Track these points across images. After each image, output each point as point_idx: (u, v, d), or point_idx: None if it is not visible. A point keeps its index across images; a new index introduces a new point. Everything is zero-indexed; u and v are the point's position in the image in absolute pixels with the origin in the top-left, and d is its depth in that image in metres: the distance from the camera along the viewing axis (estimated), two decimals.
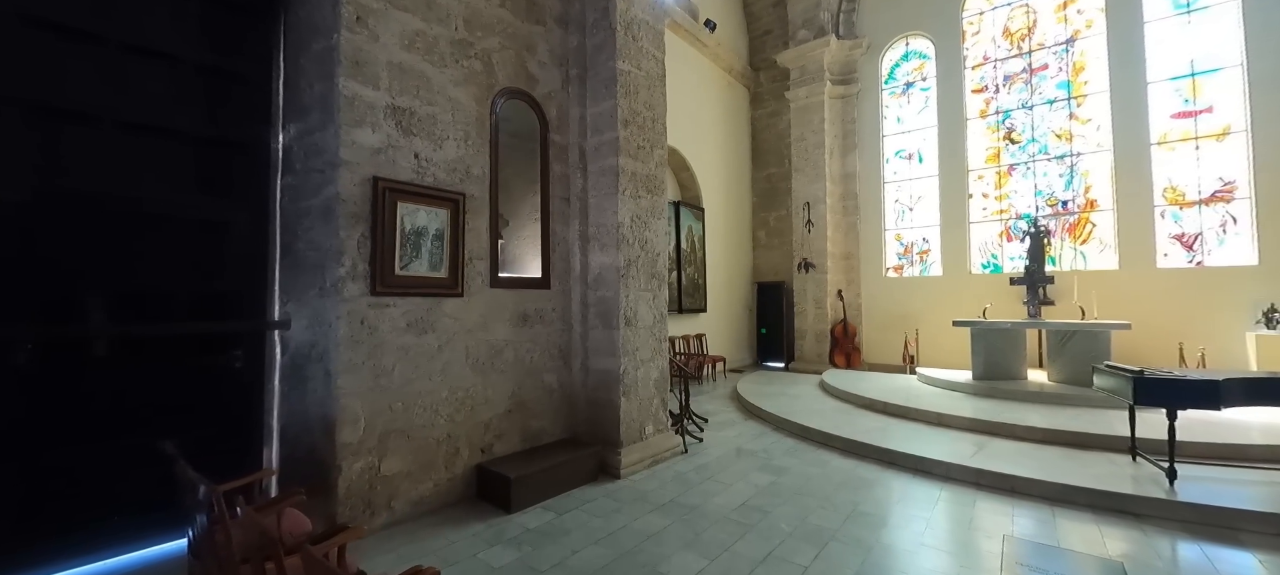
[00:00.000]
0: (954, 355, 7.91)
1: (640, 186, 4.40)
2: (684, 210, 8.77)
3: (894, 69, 9.65)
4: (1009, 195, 8.37)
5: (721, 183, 10.08)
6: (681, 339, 8.49)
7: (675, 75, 8.87)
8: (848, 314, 9.38)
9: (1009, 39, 8.50)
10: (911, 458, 4.12)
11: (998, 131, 8.50)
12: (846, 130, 9.85)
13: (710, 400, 6.94)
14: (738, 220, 10.62)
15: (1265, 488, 3.30)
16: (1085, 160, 7.74)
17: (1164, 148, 7.15)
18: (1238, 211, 6.68)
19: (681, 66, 8.93)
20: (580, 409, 4.33)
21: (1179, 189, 7.06)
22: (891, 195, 9.52)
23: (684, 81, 9.01)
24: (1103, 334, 5.60)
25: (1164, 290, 6.87)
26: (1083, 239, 7.73)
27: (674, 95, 9.00)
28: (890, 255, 9.45)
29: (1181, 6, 7.17)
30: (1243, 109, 6.64)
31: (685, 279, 8.54)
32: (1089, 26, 7.79)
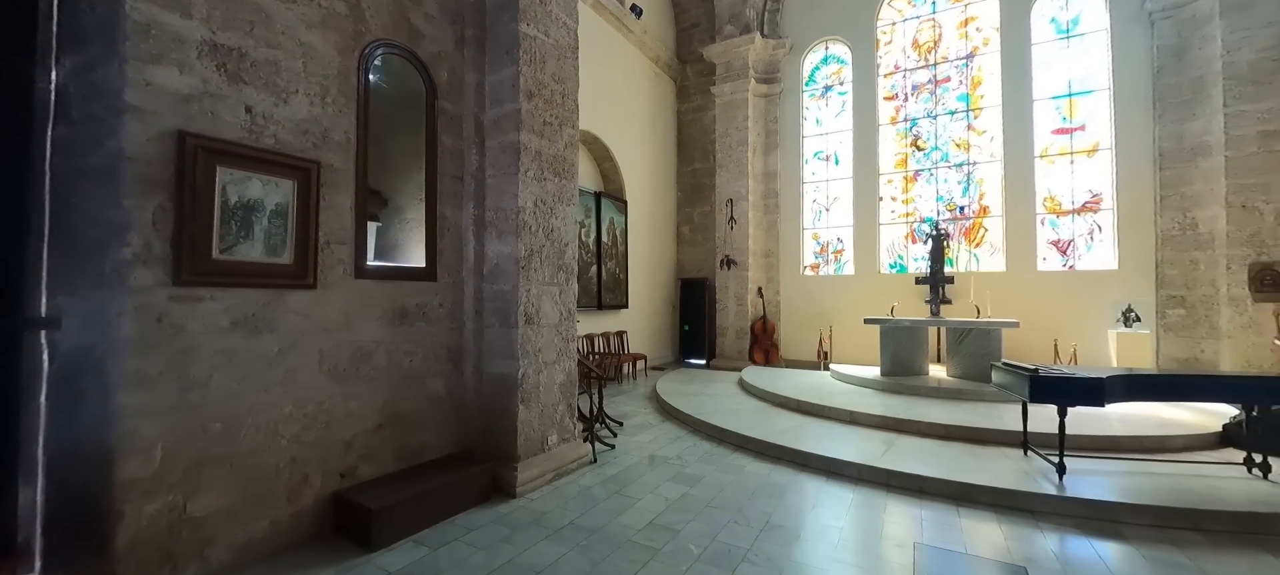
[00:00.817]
0: (865, 352, 8.19)
1: (547, 168, 3.92)
2: (605, 202, 8.36)
3: (814, 72, 9.84)
4: (914, 199, 8.80)
5: (646, 175, 9.79)
6: (601, 337, 8.09)
7: (599, 60, 8.45)
8: (767, 311, 9.46)
9: (917, 50, 8.92)
10: (825, 459, 4.01)
11: (906, 138, 8.91)
12: (769, 129, 9.92)
13: (629, 401, 6.60)
14: (662, 215, 10.39)
15: (1137, 478, 3.49)
16: (980, 169, 8.28)
17: (1045, 160, 7.79)
18: (1103, 221, 7.41)
19: (606, 51, 8.51)
20: (472, 419, 3.79)
21: (1056, 199, 7.73)
22: (810, 195, 9.72)
23: (608, 67, 8.59)
24: (995, 332, 5.93)
25: (1043, 291, 7.49)
26: (977, 242, 8.28)
27: (597, 80, 8.61)
28: (808, 254, 9.65)
29: (1062, 32, 7.83)
30: (1109, 128, 7.36)
31: (605, 274, 8.14)
32: (986, 44, 8.34)
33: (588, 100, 8.47)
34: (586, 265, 7.80)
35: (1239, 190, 6.14)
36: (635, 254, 9.19)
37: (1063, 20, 7.84)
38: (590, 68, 8.18)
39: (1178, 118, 6.82)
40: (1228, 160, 6.21)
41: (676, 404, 5.80)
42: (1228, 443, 4.11)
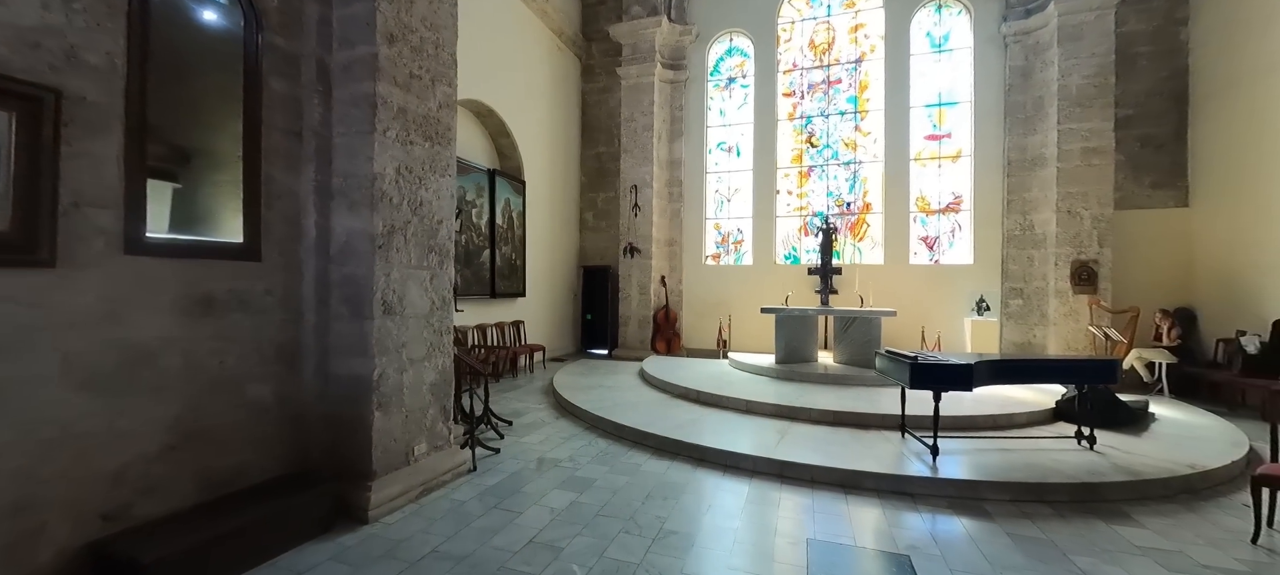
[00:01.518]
0: (761, 340, 8.41)
1: (414, 129, 3.30)
2: (501, 181, 7.68)
3: (719, 62, 9.88)
4: (807, 194, 9.20)
5: (547, 156, 9.21)
6: (495, 328, 7.45)
7: (495, 25, 7.69)
8: (670, 300, 9.41)
9: (814, 51, 9.29)
10: (722, 453, 3.89)
11: (801, 134, 9.27)
12: (675, 116, 9.81)
13: (523, 397, 6.11)
14: (565, 198, 9.89)
15: (994, 455, 3.78)
16: (865, 168, 8.84)
17: (918, 164, 8.50)
18: (963, 221, 8.26)
19: (502, 15, 7.78)
20: (314, 431, 3.10)
21: (926, 199, 8.48)
22: (713, 185, 9.80)
23: (505, 34, 7.87)
24: (876, 320, 6.31)
25: (914, 282, 8.19)
26: (861, 237, 8.86)
27: (492, 47, 7.83)
28: (710, 244, 9.74)
29: (935, 46, 8.56)
30: (970, 137, 8.18)
31: (500, 259, 7.50)
32: (872, 51, 8.88)
33: (482, 68, 7.72)
34: (478, 249, 7.10)
35: (1066, 198, 7.11)
36: (534, 239, 8.62)
37: (936, 35, 8.56)
38: (485, 33, 7.43)
39: (1022, 132, 7.75)
40: (1058, 171, 7.16)
41: (573, 399, 5.43)
42: (1059, 417, 4.67)
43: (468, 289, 6.83)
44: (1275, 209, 5.79)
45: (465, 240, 6.81)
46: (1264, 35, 6.10)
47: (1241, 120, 6.34)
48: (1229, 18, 6.61)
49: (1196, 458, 3.68)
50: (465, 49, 7.13)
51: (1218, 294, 6.52)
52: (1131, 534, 2.82)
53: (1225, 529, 2.88)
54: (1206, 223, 6.84)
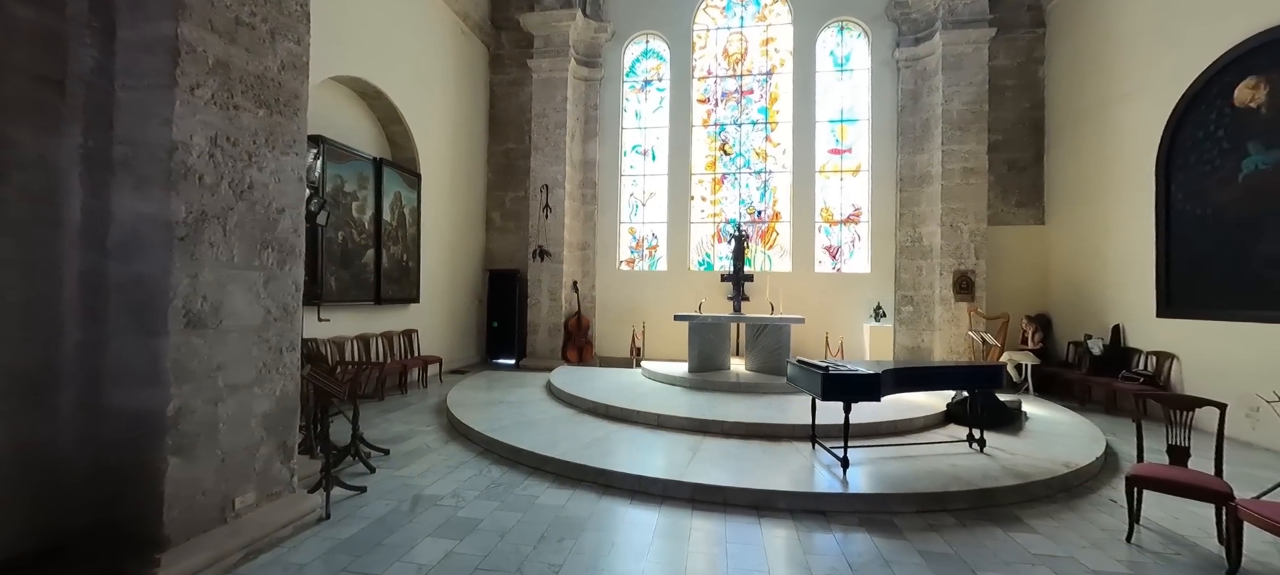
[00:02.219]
0: (675, 347, 8.23)
1: (243, 92, 2.59)
2: (391, 172, 6.80)
3: (635, 64, 9.66)
4: (721, 201, 9.24)
5: (449, 148, 8.39)
6: (381, 338, 6.54)
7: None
8: (582, 307, 8.96)
9: (728, 60, 9.37)
10: (631, 478, 3.52)
11: (716, 142, 9.30)
12: (589, 115, 9.42)
13: (410, 417, 5.34)
14: (469, 196, 9.09)
15: (899, 464, 3.79)
16: (775, 177, 9.05)
17: (823, 176, 8.84)
18: (861, 232, 8.70)
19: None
20: (75, 489, 2.28)
21: (830, 210, 8.84)
22: (628, 188, 9.53)
23: (399, 9, 7.03)
24: (785, 327, 6.34)
25: (819, 290, 8.47)
26: (770, 245, 9.03)
27: (383, 20, 6.80)
28: (624, 248, 9.44)
29: (838, 65, 8.98)
30: (868, 153, 8.65)
31: (388, 260, 6.60)
32: (782, 65, 9.13)
33: (368, 43, 6.77)
34: (360, 248, 6.18)
35: (949, 212, 7.70)
36: (432, 239, 7.76)
37: (839, 55, 8.99)
38: (373, 4, 6.54)
39: (912, 150, 8.31)
40: (943, 188, 7.74)
41: (467, 418, 4.80)
42: (950, 420, 4.88)
43: (344, 294, 5.91)
44: (1112, 227, 6.63)
45: (342, 238, 5.88)
46: (1101, 77, 7.00)
47: (1086, 148, 7.22)
48: (1075, 60, 7.54)
49: (1068, 455, 3.95)
50: (344, 18, 6.24)
51: (1069, 301, 7.38)
52: (1027, 541, 2.86)
53: (1102, 527, 3.02)
54: (1059, 238, 7.73)
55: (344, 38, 6.05)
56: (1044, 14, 8.20)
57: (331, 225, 5.70)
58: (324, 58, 5.78)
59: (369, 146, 6.83)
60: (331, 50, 5.89)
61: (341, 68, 6.12)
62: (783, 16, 9.17)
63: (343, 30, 6.04)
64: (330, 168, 5.72)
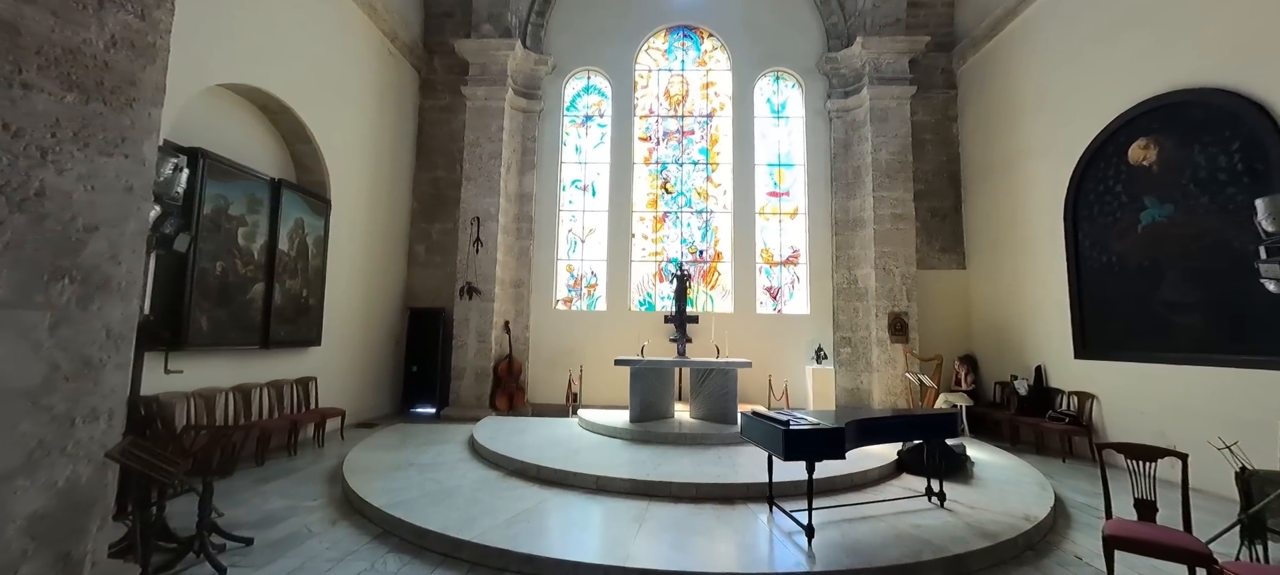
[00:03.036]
0: (615, 391, 7.70)
1: (39, 66, 1.90)
2: (292, 196, 5.92)
3: (576, 98, 9.42)
4: (663, 239, 9.01)
5: (368, 173, 7.59)
6: (268, 389, 5.51)
7: (299, 3, 6.11)
8: (514, 349, 8.24)
9: (670, 100, 9.37)
10: (565, 566, 2.92)
11: (657, 180, 9.15)
12: (527, 147, 8.98)
13: (295, 486, 4.39)
14: (390, 226, 8.23)
15: (863, 526, 3.47)
16: (716, 217, 8.99)
17: (763, 217, 8.89)
18: (800, 273, 8.76)
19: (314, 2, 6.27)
20: None
21: (770, 251, 8.86)
22: (566, 224, 9.08)
23: (316, 18, 6.35)
24: (732, 372, 6.04)
25: (760, 331, 8.34)
26: (712, 285, 8.87)
27: (293, 26, 5.80)
28: (561, 286, 8.90)
29: (775, 112, 9.22)
30: (805, 197, 8.83)
31: (281, 296, 5.64)
32: (722, 108, 9.24)
33: (270, 48, 5.90)
34: (244, 282, 5.22)
35: (881, 256, 7.91)
36: (341, 272, 6.84)
37: (776, 102, 9.25)
38: (281, 6, 5.79)
39: (846, 195, 8.57)
40: (875, 232, 7.97)
41: (365, 488, 3.97)
42: (902, 469, 4.70)
43: (220, 337, 4.91)
44: (1028, 273, 7.03)
45: (222, 269, 4.93)
46: (1008, 135, 7.58)
47: (998, 199, 7.73)
48: (985, 119, 8.17)
49: (1025, 507, 3.82)
50: (243, 19, 5.45)
51: (992, 342, 7.71)
52: None
53: None
54: (979, 282, 8.15)
55: (241, 41, 5.27)
56: (956, 77, 8.92)
57: (208, 254, 4.77)
58: (212, 60, 5.00)
59: (267, 165, 5.93)
60: (224, 53, 5.10)
61: (235, 75, 5.30)
62: (722, 63, 9.35)
63: (240, 32, 5.27)
64: (211, 186, 4.83)
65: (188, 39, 4.67)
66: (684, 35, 9.50)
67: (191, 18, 4.67)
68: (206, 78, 4.97)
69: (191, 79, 4.80)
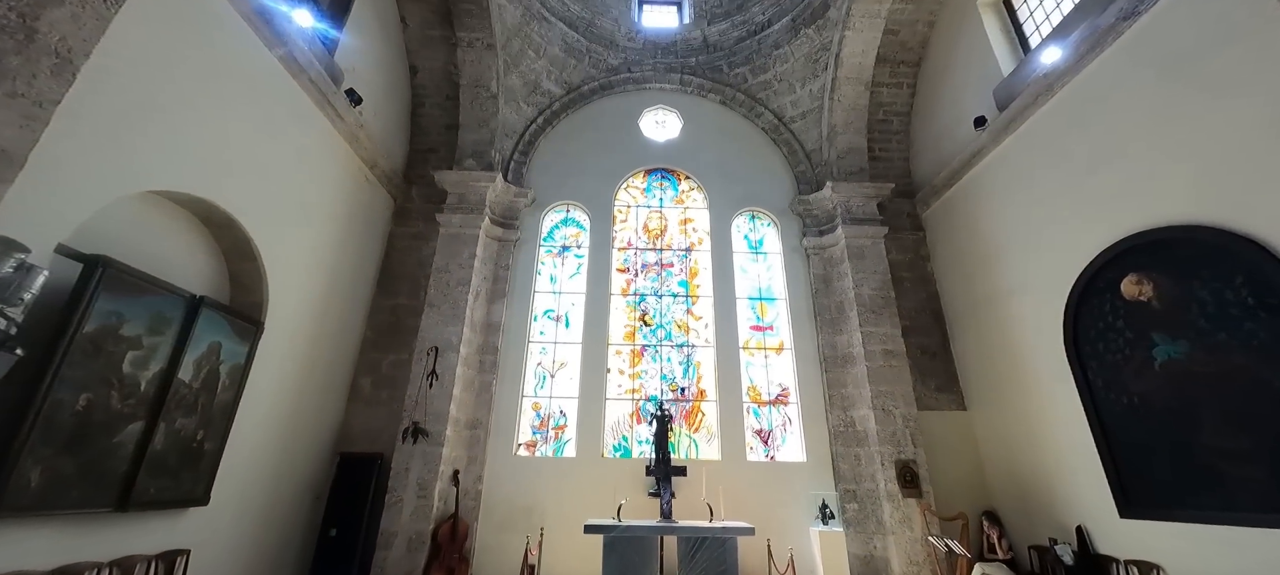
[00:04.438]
0: (583, 564, 6.29)
1: None
2: (213, 316, 5.07)
3: (554, 230, 9.29)
4: (641, 375, 8.25)
5: (319, 296, 6.86)
6: (109, 571, 4.09)
7: (272, 119, 5.82)
8: (461, 506, 6.84)
9: (648, 234, 9.32)
10: None
11: (635, 311, 8.68)
12: (499, 275, 8.52)
13: None
14: (334, 356, 7.28)
15: None
16: (698, 352, 8.39)
17: (747, 353, 8.34)
18: (792, 414, 7.98)
19: (288, 121, 6.17)
20: None
21: (758, 389, 8.15)
22: (536, 357, 8.30)
23: (287, 136, 6.15)
24: (730, 542, 4.95)
25: (753, 482, 7.26)
26: (696, 427, 7.94)
27: (258, 139, 5.46)
28: (525, 428, 7.81)
29: (753, 248, 9.22)
30: (789, 332, 8.41)
31: (165, 438, 4.50)
32: (700, 243, 9.20)
33: (230, 164, 5.43)
34: (115, 419, 4.12)
35: (878, 395, 7.29)
36: (258, 408, 5.74)
37: (753, 238, 9.29)
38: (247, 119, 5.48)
39: (831, 331, 8.19)
40: (868, 370, 7.45)
41: None
42: None
43: (56, 498, 3.70)
44: (1041, 416, 6.44)
45: (87, 402, 3.88)
46: (985, 274, 7.54)
47: (989, 337, 7.43)
48: (958, 259, 8.23)
49: None
50: (200, 124, 5.10)
51: (1013, 496, 6.81)
52: None
53: None
54: (985, 426, 7.49)
55: (190, 148, 4.86)
56: (922, 220, 9.22)
57: (70, 383, 3.77)
58: (148, 164, 4.51)
59: (194, 281, 5.16)
60: (166, 158, 4.64)
61: (175, 182, 4.80)
62: (699, 202, 9.55)
63: (192, 140, 4.88)
64: (103, 300, 4.00)
65: (121, 138, 4.23)
66: (662, 176, 9.80)
67: (131, 117, 4.29)
68: (136, 182, 4.43)
69: (117, 181, 4.25)
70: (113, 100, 4.13)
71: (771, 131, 9.94)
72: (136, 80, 4.31)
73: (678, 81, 10.32)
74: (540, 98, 9.87)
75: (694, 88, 10.33)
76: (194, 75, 4.87)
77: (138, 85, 4.32)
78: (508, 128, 9.38)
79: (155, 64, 4.47)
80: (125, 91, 4.22)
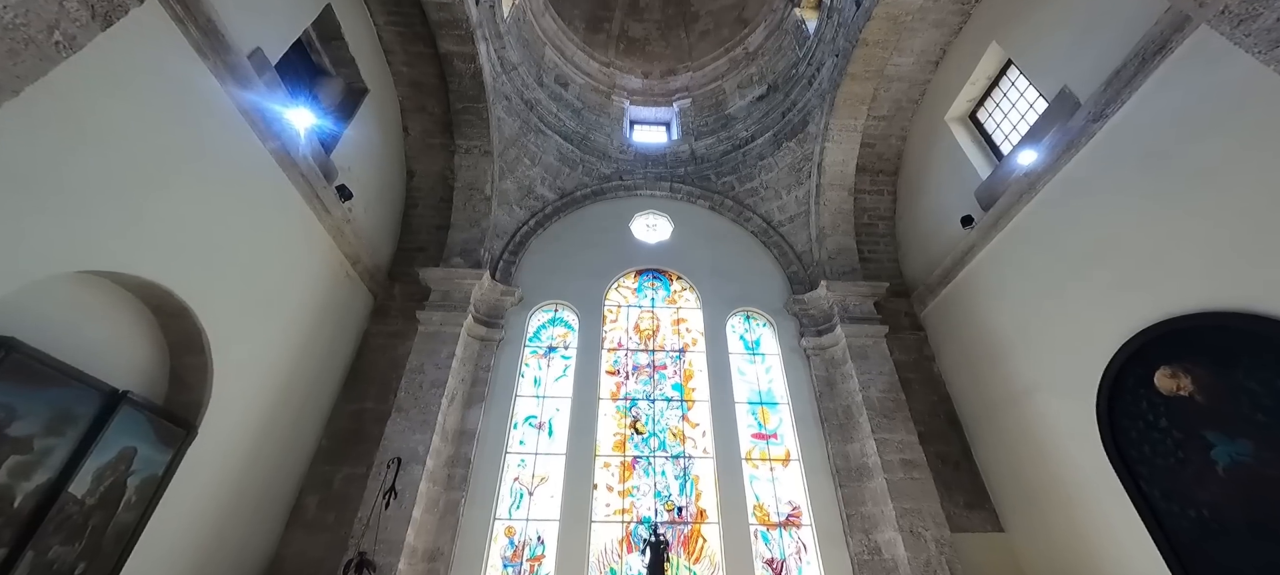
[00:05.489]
0: None
1: None
2: (134, 417, 4.34)
3: (540, 329, 8.83)
4: (632, 492, 7.28)
5: (269, 402, 6.11)
6: None
7: (248, 201, 5.44)
8: None
9: (640, 334, 8.88)
10: None
11: (625, 418, 7.92)
12: (478, 377, 7.87)
13: None
14: (277, 468, 6.33)
15: None
16: (697, 465, 7.52)
17: (750, 464, 7.49)
18: (806, 539, 6.95)
19: (270, 212, 5.92)
20: None
21: (765, 509, 7.19)
22: (513, 471, 7.35)
23: (264, 225, 5.83)
24: None
25: None
26: (696, 556, 6.83)
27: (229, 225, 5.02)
28: (495, 559, 6.64)
29: (749, 348, 8.76)
30: (795, 440, 7.66)
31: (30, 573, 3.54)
32: (695, 343, 8.75)
33: (188, 249, 4.86)
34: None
35: (904, 514, 6.40)
36: (168, 533, 4.74)
37: (749, 339, 8.88)
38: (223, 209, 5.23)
39: (841, 439, 7.47)
40: (888, 483, 6.64)
41: None
42: None
43: None
44: (1087, 539, 5.61)
45: None
46: (997, 374, 7.08)
47: (1011, 442, 6.77)
48: (965, 359, 7.81)
49: None
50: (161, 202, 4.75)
51: None
52: None
53: None
54: (1031, 550, 6.51)
55: (149, 227, 4.49)
56: (920, 320, 8.96)
57: None
58: (93, 240, 4.09)
59: (121, 375, 4.48)
60: (115, 235, 4.23)
61: (124, 264, 4.35)
62: (692, 302, 9.27)
63: (152, 217, 4.53)
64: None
65: (66, 206, 3.86)
66: (654, 276, 9.62)
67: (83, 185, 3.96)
68: (76, 259, 3.98)
69: (51, 256, 3.80)
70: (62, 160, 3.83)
71: (761, 234, 10.02)
72: (102, 147, 4.05)
73: (668, 189, 10.60)
74: (533, 201, 9.98)
75: (683, 194, 10.58)
76: (171, 154, 4.66)
77: (103, 152, 4.06)
78: (499, 229, 9.33)
79: (127, 135, 4.26)
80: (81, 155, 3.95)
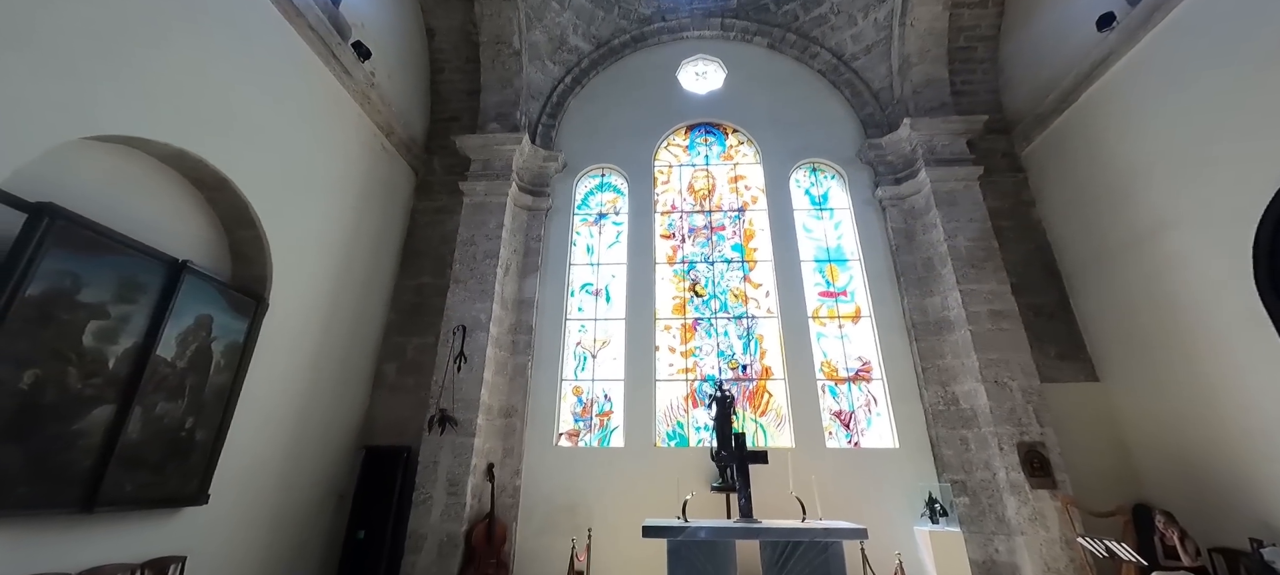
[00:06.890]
0: (641, 569, 5.34)
1: None
2: (201, 286, 4.35)
3: (588, 196, 8.35)
4: (695, 352, 7.19)
5: (334, 274, 6.15)
6: None
7: (267, 69, 5.11)
8: (498, 504, 5.99)
9: (694, 195, 8.24)
10: None
11: (684, 281, 7.62)
12: (530, 248, 7.64)
13: None
14: (353, 339, 6.57)
15: None
16: (760, 325, 7.25)
17: (817, 322, 7.15)
18: (877, 393, 6.75)
19: (289, 68, 5.44)
20: None
21: (833, 364, 6.95)
22: (574, 336, 7.37)
23: (288, 93, 5.41)
24: (834, 548, 3.84)
25: (835, 472, 6.09)
26: (762, 410, 6.82)
27: (252, 94, 4.81)
28: (566, 416, 6.89)
29: (816, 204, 7.99)
30: (867, 297, 7.16)
31: (141, 428, 3.78)
32: (754, 201, 8.05)
33: (225, 121, 4.76)
34: (76, 403, 3.40)
35: (989, 365, 5.97)
36: (264, 395, 5.02)
37: (815, 194, 8.07)
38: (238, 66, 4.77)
39: (919, 293, 6.90)
40: (972, 335, 6.13)
41: None
42: None
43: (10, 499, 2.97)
44: (1213, 387, 5.04)
45: (31, 381, 3.16)
46: (1118, 213, 6.13)
47: (1125, 290, 6.02)
48: (1075, 202, 6.79)
49: None
50: (181, 68, 4.33)
51: (1181, 487, 5.38)
52: None
53: None
54: (1129, 401, 6.06)
55: (169, 94, 4.14)
56: (1020, 160, 7.77)
57: (11, 356, 3.05)
58: (107, 105, 3.77)
59: (182, 245, 4.44)
60: (128, 99, 3.90)
61: (153, 129, 4.08)
62: (749, 157, 8.40)
63: (172, 85, 4.17)
64: (53, 258, 3.28)
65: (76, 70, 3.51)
66: (706, 132, 8.69)
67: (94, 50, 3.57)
68: (90, 124, 3.69)
69: (65, 121, 3.53)
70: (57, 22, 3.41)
71: (830, 72, 8.67)
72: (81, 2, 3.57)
73: (719, 27, 9.18)
74: (567, 55, 8.93)
75: (737, 33, 9.15)
76: (161, 9, 4.14)
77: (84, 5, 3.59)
78: (533, 89, 8.50)
79: None
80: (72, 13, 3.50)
